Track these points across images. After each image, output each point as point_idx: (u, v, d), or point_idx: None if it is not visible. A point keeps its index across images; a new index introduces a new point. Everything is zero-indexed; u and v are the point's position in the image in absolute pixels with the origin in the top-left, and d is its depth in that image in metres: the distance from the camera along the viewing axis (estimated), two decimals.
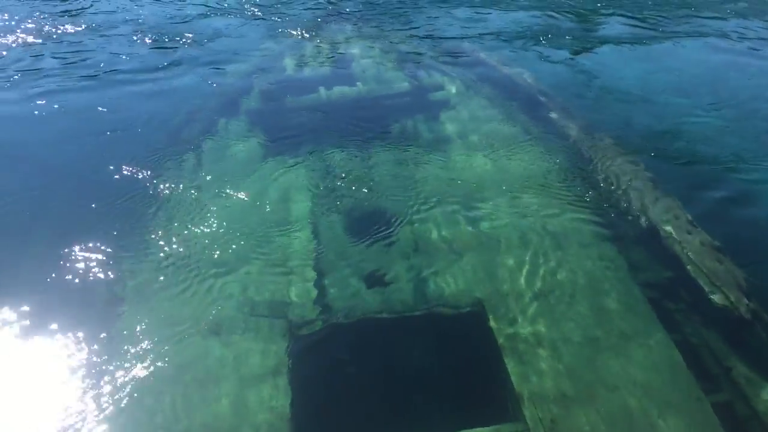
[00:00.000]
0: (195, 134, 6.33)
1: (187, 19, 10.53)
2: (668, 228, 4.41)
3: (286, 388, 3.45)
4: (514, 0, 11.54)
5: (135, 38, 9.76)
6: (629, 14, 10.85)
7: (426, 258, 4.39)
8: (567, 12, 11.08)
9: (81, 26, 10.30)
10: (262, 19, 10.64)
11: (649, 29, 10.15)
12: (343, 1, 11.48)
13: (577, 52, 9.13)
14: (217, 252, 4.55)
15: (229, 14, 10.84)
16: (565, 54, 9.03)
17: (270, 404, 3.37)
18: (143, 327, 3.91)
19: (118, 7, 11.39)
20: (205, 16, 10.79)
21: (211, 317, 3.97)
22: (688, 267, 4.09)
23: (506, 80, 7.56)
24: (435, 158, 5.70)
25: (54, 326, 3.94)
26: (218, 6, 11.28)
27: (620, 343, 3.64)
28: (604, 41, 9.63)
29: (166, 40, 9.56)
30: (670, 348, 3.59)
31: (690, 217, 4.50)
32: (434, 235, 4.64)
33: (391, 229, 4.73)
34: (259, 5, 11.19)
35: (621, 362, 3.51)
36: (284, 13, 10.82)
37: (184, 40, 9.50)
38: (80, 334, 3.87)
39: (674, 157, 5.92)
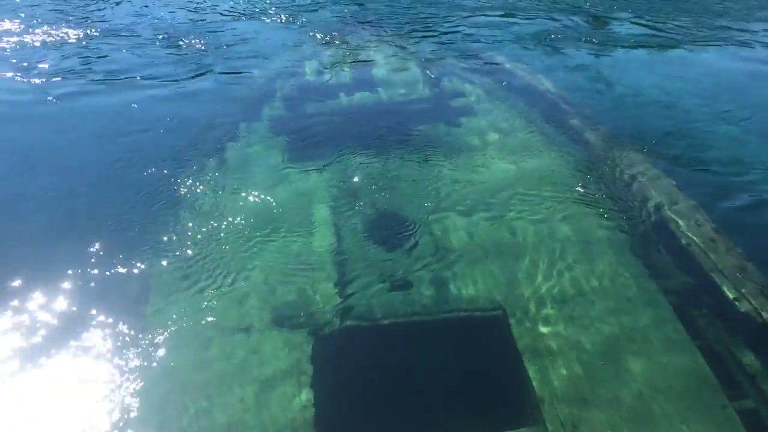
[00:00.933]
0: (217, 138, 6.39)
1: (210, 25, 10.65)
2: (691, 234, 4.39)
3: (309, 389, 3.47)
4: (533, 6, 11.56)
5: (159, 42, 9.87)
6: (649, 20, 10.83)
7: (447, 261, 4.42)
8: (586, 17, 11.08)
9: (106, 29, 10.45)
10: (285, 25, 10.74)
11: (670, 35, 10.13)
12: (365, 8, 11.55)
13: (596, 58, 9.13)
14: (240, 253, 4.60)
15: (252, 20, 10.96)
16: (584, 60, 9.03)
17: (293, 405, 3.39)
18: (168, 326, 3.95)
19: (142, 11, 11.54)
20: (229, 21, 10.90)
21: (234, 317, 4.01)
22: (712, 273, 4.07)
23: (527, 86, 7.58)
24: (455, 163, 5.72)
25: (80, 324, 3.98)
26: (241, 12, 11.39)
27: (643, 348, 3.62)
28: (624, 47, 9.62)
29: (190, 44, 9.67)
30: (694, 354, 3.58)
31: (713, 224, 4.48)
32: (455, 238, 4.65)
33: (412, 233, 4.75)
34: (282, 12, 11.30)
35: (643, 367, 3.50)
36: (306, 19, 10.91)
37: (206, 44, 9.61)
38: (105, 333, 3.92)
39: (695, 164, 5.91)
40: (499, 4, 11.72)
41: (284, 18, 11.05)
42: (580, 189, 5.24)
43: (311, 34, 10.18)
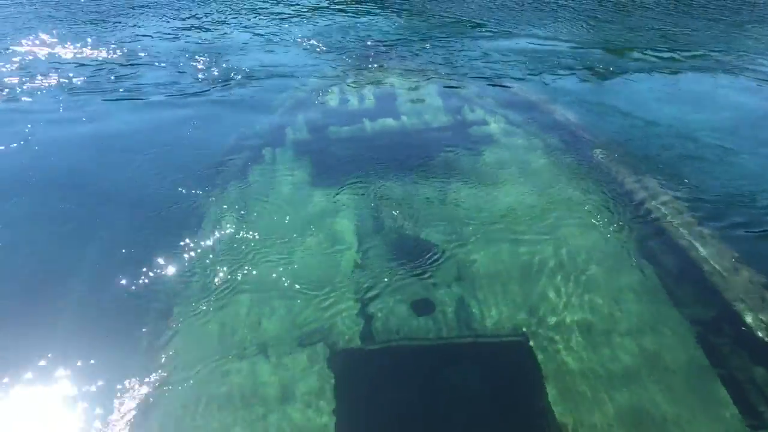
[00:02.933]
0: (243, 161, 6.53)
1: (236, 51, 10.86)
2: (713, 263, 4.42)
3: (331, 410, 3.52)
4: (553, 35, 11.69)
5: (185, 64, 10.06)
6: (669, 51, 10.89)
7: (468, 286, 4.46)
8: (607, 47, 11.18)
9: (133, 51, 10.70)
10: (310, 51, 10.93)
11: (690, 66, 10.18)
12: (389, 36, 11.73)
13: (615, 87, 9.19)
14: (263, 274, 4.68)
15: (277, 46, 11.15)
16: (603, 89, 9.11)
17: (314, 424, 3.43)
18: (190, 347, 4.02)
19: (169, 36, 11.79)
20: (253, 48, 11.11)
21: (256, 335, 4.08)
22: (734, 303, 4.10)
23: (547, 116, 7.67)
24: (476, 190, 5.80)
25: (102, 343, 4.05)
26: (266, 40, 11.61)
27: (665, 376, 3.64)
28: (643, 77, 9.66)
29: (216, 68, 9.87)
30: (716, 382, 3.59)
31: (735, 253, 4.51)
32: (476, 263, 4.71)
33: (434, 257, 4.81)
34: (306, 38, 11.51)
35: (666, 395, 3.52)
36: (331, 46, 11.10)
37: (232, 69, 9.79)
38: (129, 352, 3.99)
39: (715, 194, 5.90)
40: (519, 33, 11.86)
41: (309, 44, 11.25)
42: (600, 216, 5.29)
43: (335, 60, 10.37)
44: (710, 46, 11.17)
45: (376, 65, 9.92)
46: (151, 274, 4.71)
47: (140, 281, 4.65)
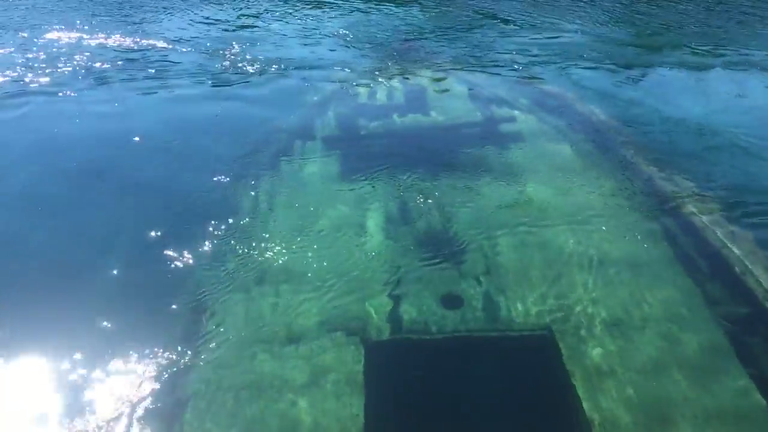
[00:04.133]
0: (272, 153, 6.61)
1: (266, 42, 10.94)
2: (746, 263, 4.39)
3: (361, 401, 3.56)
4: (586, 30, 11.59)
5: (214, 57, 10.15)
6: (702, 48, 10.72)
7: (496, 281, 4.48)
8: (637, 43, 11.06)
9: (164, 41, 10.83)
10: (340, 45, 10.97)
11: (722, 62, 10.01)
12: (420, 33, 11.72)
13: (645, 85, 9.08)
14: (292, 264, 4.75)
15: (307, 40, 11.20)
16: (634, 86, 9.00)
17: (345, 416, 3.48)
18: (223, 336, 4.10)
19: (199, 26, 11.90)
20: (284, 40, 11.16)
21: (288, 326, 4.15)
22: (764, 301, 4.06)
23: (575, 112, 7.63)
24: (505, 186, 5.80)
25: (134, 334, 4.12)
26: (296, 31, 11.67)
27: (693, 373, 3.62)
28: (673, 75, 9.55)
29: (246, 60, 9.95)
30: (746, 381, 3.57)
31: (766, 252, 4.46)
32: (504, 259, 4.72)
33: (462, 252, 4.84)
34: (336, 35, 11.55)
35: (695, 392, 3.50)
36: (361, 42, 11.13)
37: (263, 61, 9.86)
38: (159, 335, 4.08)
39: (745, 192, 5.81)
40: (550, 28, 11.78)
41: (340, 37, 11.30)
42: (628, 211, 5.29)
43: (366, 54, 10.40)
44: (743, 43, 10.97)
45: (406, 60, 9.92)
46: (181, 262, 4.81)
47: (171, 268, 4.75)
